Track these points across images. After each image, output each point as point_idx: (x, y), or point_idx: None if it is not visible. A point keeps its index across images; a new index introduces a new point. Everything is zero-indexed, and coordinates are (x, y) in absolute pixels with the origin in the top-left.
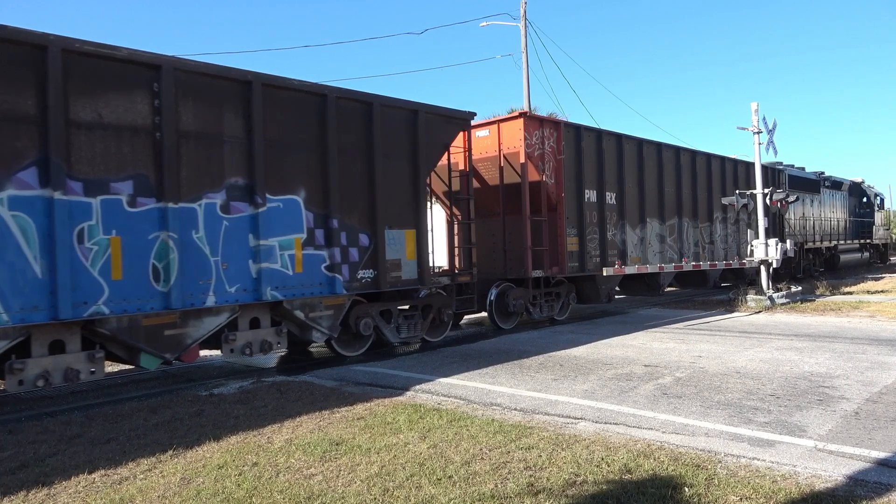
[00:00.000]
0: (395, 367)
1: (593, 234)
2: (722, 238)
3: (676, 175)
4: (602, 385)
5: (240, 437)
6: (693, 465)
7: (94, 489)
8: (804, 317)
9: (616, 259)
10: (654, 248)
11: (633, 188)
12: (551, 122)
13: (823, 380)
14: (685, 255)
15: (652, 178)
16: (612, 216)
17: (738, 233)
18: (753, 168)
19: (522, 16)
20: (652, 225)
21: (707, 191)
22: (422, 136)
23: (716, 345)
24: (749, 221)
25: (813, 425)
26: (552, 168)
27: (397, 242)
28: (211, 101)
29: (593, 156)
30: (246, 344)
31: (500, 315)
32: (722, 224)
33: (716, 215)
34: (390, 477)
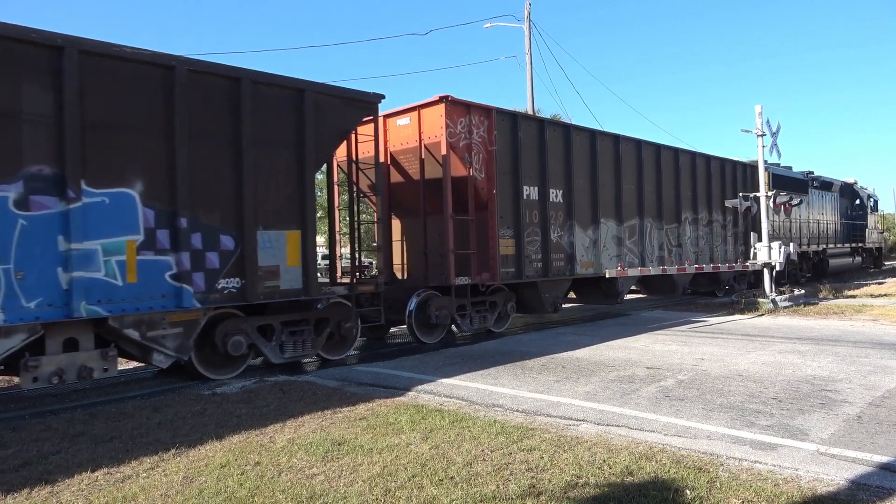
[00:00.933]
0: (397, 367)
1: (534, 235)
2: (692, 241)
3: (637, 171)
4: (604, 387)
5: (242, 437)
6: (695, 467)
7: (96, 487)
8: (807, 320)
9: (563, 263)
10: (610, 252)
11: (584, 185)
12: (480, 108)
13: (826, 383)
14: (648, 259)
15: (608, 174)
16: (558, 216)
17: (712, 235)
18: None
19: (526, 17)
20: (607, 226)
21: (674, 189)
22: (310, 121)
23: (718, 347)
24: (724, 223)
25: (815, 429)
26: (482, 161)
27: (275, 246)
28: (5, 70)
29: (534, 148)
30: (55, 371)
31: (421, 328)
32: (692, 226)
33: (685, 216)
34: (392, 477)
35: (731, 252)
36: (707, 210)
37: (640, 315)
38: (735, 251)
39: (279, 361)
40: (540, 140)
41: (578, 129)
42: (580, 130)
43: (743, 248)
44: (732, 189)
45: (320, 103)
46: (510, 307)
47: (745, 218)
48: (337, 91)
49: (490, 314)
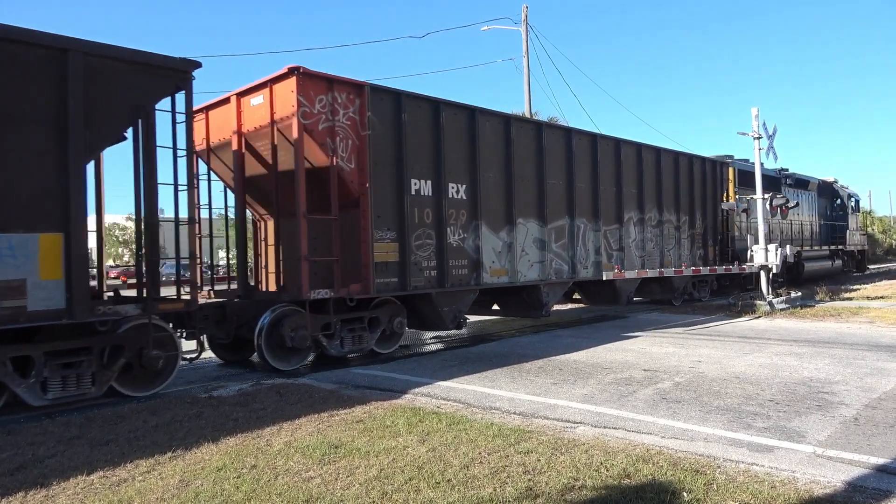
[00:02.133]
0: (394, 370)
1: (425, 238)
2: (638, 244)
3: (567, 165)
4: (601, 389)
5: (239, 440)
6: (692, 470)
7: (92, 491)
8: (804, 322)
9: (466, 271)
10: (531, 257)
11: (496, 179)
12: (348, 84)
13: (823, 385)
14: (581, 264)
15: (529, 166)
16: (460, 215)
17: (663, 238)
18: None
19: (524, 20)
20: (527, 227)
21: (616, 186)
22: (78, 92)
23: (715, 350)
24: (679, 224)
25: (812, 431)
26: (351, 148)
27: (18, 255)
28: None
29: (427, 134)
30: None
31: (275, 351)
32: (638, 227)
33: (628, 216)
34: (389, 480)
35: (688, 256)
36: (657, 209)
37: (638, 317)
38: (693, 255)
39: (37, 404)
40: (434, 125)
41: (487, 114)
42: (489, 115)
43: (702, 252)
44: (689, 187)
45: (97, 69)
46: (398, 324)
47: (703, 219)
48: (124, 54)
49: (369, 333)
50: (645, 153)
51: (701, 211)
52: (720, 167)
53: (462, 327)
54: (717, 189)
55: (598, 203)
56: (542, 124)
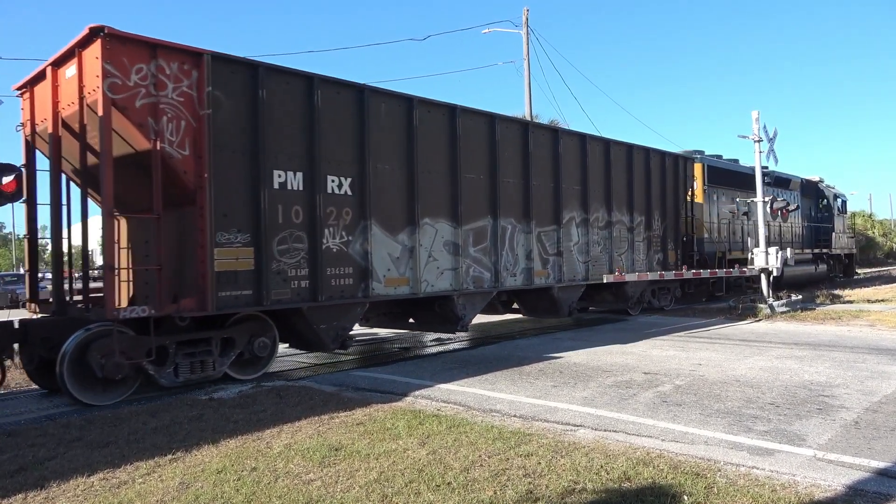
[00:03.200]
0: (394, 372)
1: (293, 242)
2: (581, 248)
3: (490, 157)
4: (602, 392)
5: (239, 442)
6: (692, 473)
7: (92, 493)
8: (804, 325)
9: (351, 281)
10: (441, 263)
11: (393, 172)
12: (181, 52)
13: (823, 389)
14: (507, 271)
15: (438, 159)
16: (343, 214)
17: (612, 241)
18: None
19: (524, 23)
20: (436, 228)
21: (554, 182)
22: None
23: (716, 353)
24: (632, 225)
25: (812, 434)
26: (185, 130)
27: None
28: None
29: (296, 116)
30: None
31: (82, 383)
32: (582, 229)
33: (569, 216)
34: (389, 483)
35: (643, 260)
36: (605, 209)
37: (638, 320)
38: (649, 259)
39: None
40: (307, 105)
41: (381, 95)
42: (384, 97)
43: (661, 256)
44: (645, 183)
45: None
46: (260, 345)
47: (662, 220)
48: None
49: (220, 357)
50: (591, 145)
51: (660, 211)
52: (684, 163)
53: (347, 347)
54: (680, 186)
55: (531, 201)
56: (456, 108)
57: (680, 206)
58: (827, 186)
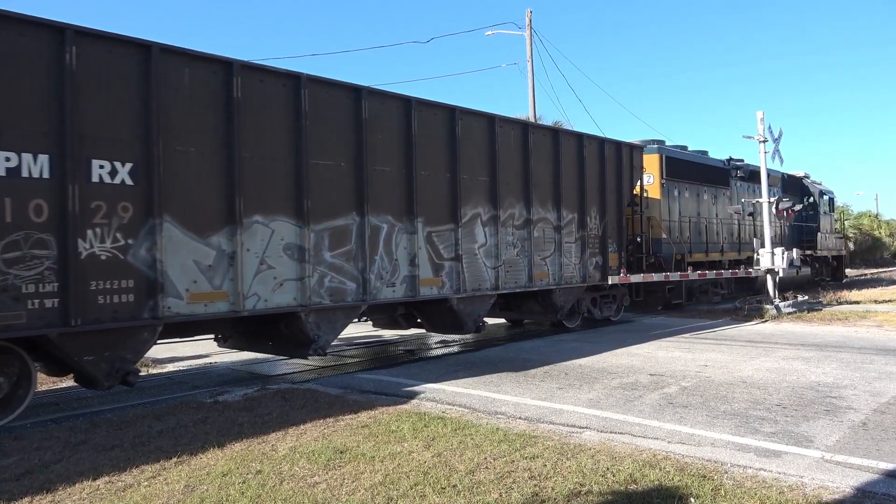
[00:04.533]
0: (399, 374)
1: (31, 247)
2: (489, 251)
3: (356, 139)
4: (607, 394)
5: (244, 445)
6: (699, 475)
7: (98, 496)
8: (811, 326)
9: (132, 297)
10: (280, 272)
11: (201, 156)
12: None
13: (830, 390)
14: (382, 279)
15: (273, 140)
16: (118, 210)
17: (532, 243)
18: (577, 140)
19: (528, 25)
20: (271, 228)
21: (450, 171)
22: None
23: (722, 354)
24: (560, 224)
25: (820, 436)
26: None
27: None
28: None
29: (34, 79)
30: None
31: None
32: (490, 228)
33: (471, 213)
34: (394, 486)
35: (576, 265)
36: (524, 205)
37: (643, 322)
38: (584, 263)
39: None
40: (55, 66)
41: (182, 57)
42: (189, 60)
43: (600, 260)
44: (578, 175)
45: None
46: None
47: (600, 218)
48: None
49: None
50: (502, 128)
51: (598, 207)
52: (630, 152)
53: (133, 384)
54: (624, 179)
55: (415, 195)
56: (300, 77)
57: (625, 201)
58: (812, 182)
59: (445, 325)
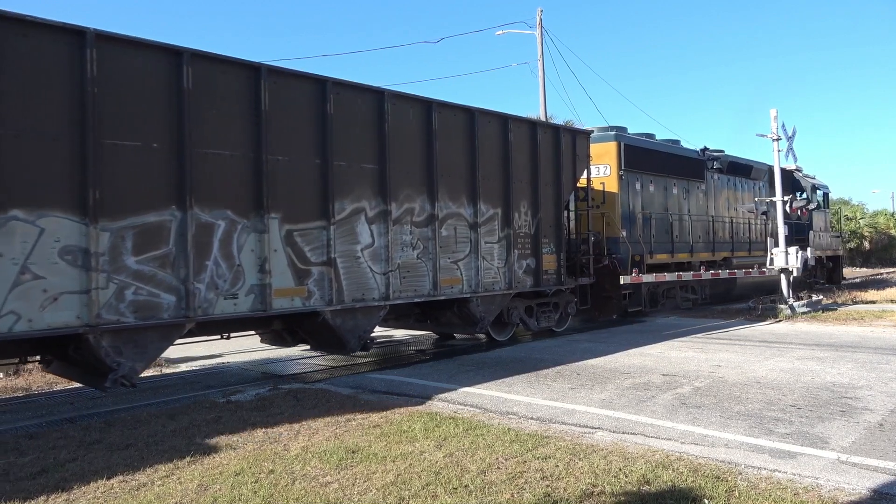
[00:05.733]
0: (410, 374)
1: None
2: (376, 253)
3: (175, 115)
4: (620, 394)
5: (256, 445)
6: (713, 476)
7: (112, 495)
8: (826, 326)
9: None
10: (54, 283)
11: None
12: None
13: (846, 390)
14: (218, 289)
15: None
16: None
17: (437, 242)
18: (499, 124)
19: (538, 24)
20: (40, 227)
21: (319, 156)
22: None
23: (735, 354)
24: (477, 222)
25: (836, 437)
26: None
27: None
28: None
29: None
30: None
31: None
32: (379, 226)
33: (351, 208)
34: (406, 486)
35: (500, 268)
36: (427, 197)
37: (656, 322)
38: (510, 267)
39: None
40: None
41: None
42: None
43: (532, 263)
44: (502, 164)
45: None
46: None
47: (532, 214)
48: None
49: None
50: (395, 106)
51: (529, 201)
52: (574, 139)
53: None
54: (564, 169)
55: (266, 185)
56: (86, 33)
57: (565, 195)
58: (805, 176)
59: (326, 343)
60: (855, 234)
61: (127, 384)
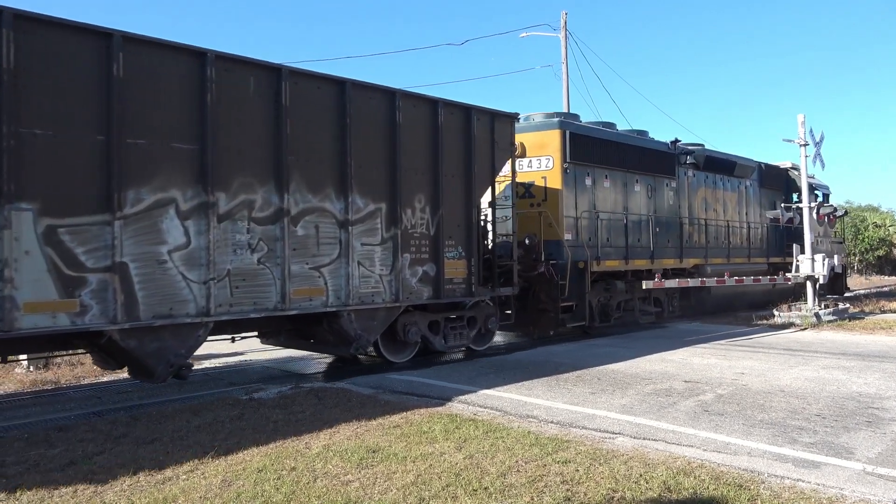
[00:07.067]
0: (430, 376)
1: None
2: (190, 257)
3: None
4: (641, 400)
5: (278, 442)
6: (735, 484)
7: (138, 488)
8: (852, 335)
9: None
10: None
11: None
12: None
13: (872, 401)
14: None
15: None
16: None
17: (286, 244)
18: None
19: (563, 27)
20: None
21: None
22: None
23: (759, 362)
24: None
25: (861, 447)
26: None
27: None
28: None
29: None
30: None
31: None
32: (196, 221)
33: (152, 198)
34: (426, 486)
35: (384, 276)
36: (274, 186)
37: (678, 327)
38: (397, 274)
39: None
40: None
41: None
42: None
43: (431, 270)
44: (389, 149)
45: None
46: None
47: (431, 211)
48: None
49: None
50: (225, 73)
51: (428, 195)
52: (493, 122)
53: None
54: (477, 158)
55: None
56: None
57: (478, 189)
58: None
59: (131, 368)
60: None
61: None
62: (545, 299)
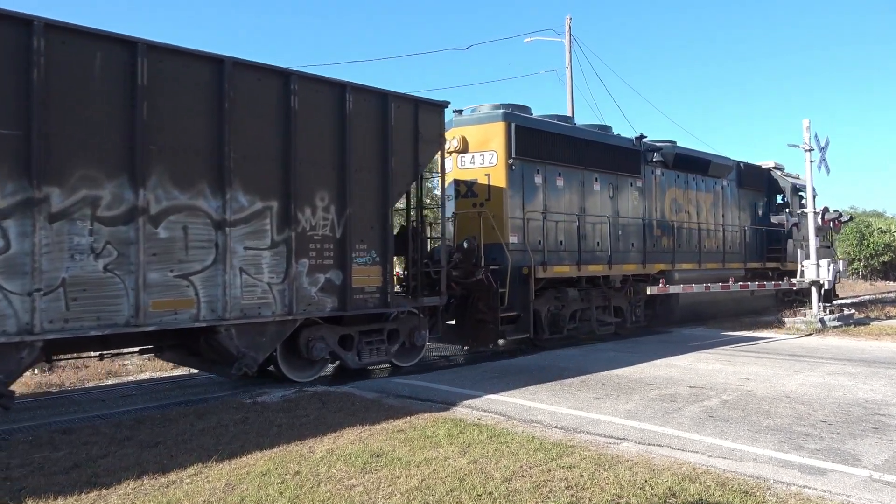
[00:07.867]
0: (434, 380)
1: None
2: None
3: None
4: (645, 405)
5: (282, 446)
6: (741, 491)
7: (142, 492)
8: (858, 341)
9: None
10: None
11: None
12: None
13: (879, 407)
14: None
15: None
16: None
17: (141, 248)
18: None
19: (567, 32)
20: None
21: None
22: None
23: (764, 367)
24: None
25: (868, 454)
26: None
27: None
28: None
29: None
30: None
31: None
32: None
33: None
34: (430, 491)
35: (273, 286)
36: (128, 182)
37: (682, 333)
38: (292, 281)
39: None
40: None
41: None
42: None
43: (337, 277)
44: (283, 138)
45: None
46: None
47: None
48: None
49: None
50: (62, 45)
51: (333, 192)
52: (416, 111)
53: None
54: (397, 152)
55: None
56: None
57: (397, 185)
58: (784, 175)
59: None
60: (889, 246)
61: None
62: (484, 309)
